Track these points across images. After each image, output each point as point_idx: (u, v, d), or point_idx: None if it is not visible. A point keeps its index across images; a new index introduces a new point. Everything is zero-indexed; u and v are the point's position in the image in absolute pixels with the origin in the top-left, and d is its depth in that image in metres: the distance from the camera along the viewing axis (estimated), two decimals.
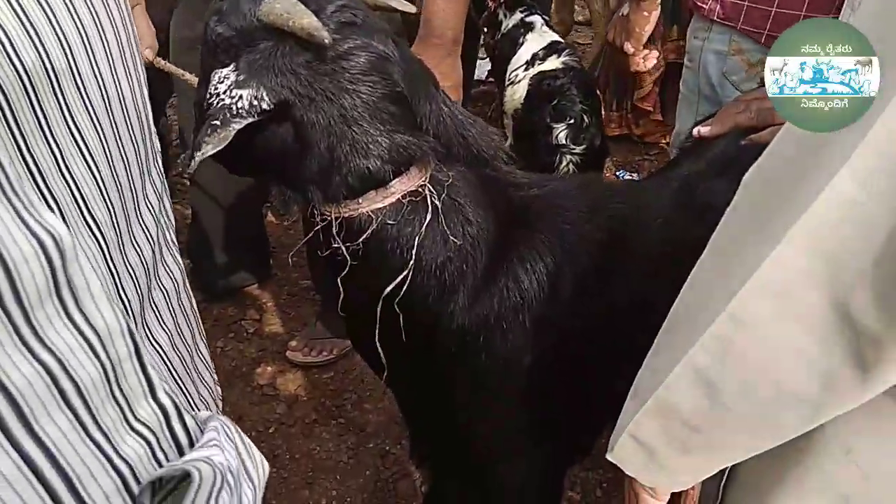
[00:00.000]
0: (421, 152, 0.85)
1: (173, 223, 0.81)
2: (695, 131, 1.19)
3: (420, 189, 0.88)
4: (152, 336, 0.70)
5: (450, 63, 1.27)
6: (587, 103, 2.03)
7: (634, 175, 2.84)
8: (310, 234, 0.90)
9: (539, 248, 0.93)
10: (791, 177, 0.46)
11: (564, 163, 1.98)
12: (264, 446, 1.81)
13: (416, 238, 0.87)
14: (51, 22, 0.50)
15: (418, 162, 0.86)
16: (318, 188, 0.86)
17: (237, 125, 0.78)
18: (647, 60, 1.67)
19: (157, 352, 0.71)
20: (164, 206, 0.77)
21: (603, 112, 2.65)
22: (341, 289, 0.91)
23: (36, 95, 0.49)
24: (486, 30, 2.40)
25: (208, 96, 0.80)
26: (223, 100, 0.79)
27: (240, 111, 0.78)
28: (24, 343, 0.33)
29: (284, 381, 2.03)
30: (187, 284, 0.80)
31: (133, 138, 0.64)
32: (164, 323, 0.73)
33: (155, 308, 0.71)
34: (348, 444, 1.83)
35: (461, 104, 2.70)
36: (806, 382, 0.47)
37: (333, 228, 0.88)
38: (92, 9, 0.57)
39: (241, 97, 0.79)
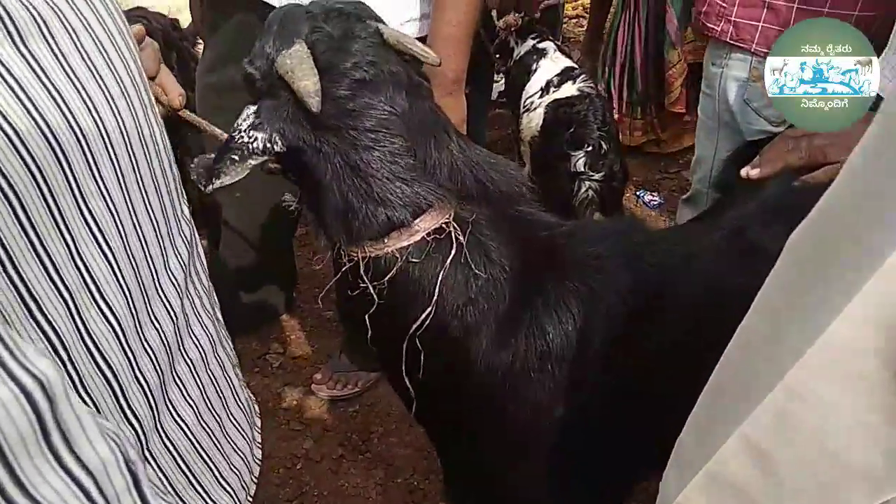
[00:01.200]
0: (437, 198, 0.84)
1: (207, 286, 0.81)
2: (742, 172, 1.14)
3: (444, 226, 0.87)
4: (176, 413, 0.70)
5: (451, 101, 1.29)
6: (605, 130, 2.02)
7: (654, 195, 2.82)
8: (339, 273, 0.89)
9: (567, 297, 0.91)
10: (848, 238, 0.43)
11: (584, 189, 1.97)
12: (292, 483, 1.79)
13: (440, 274, 0.87)
14: (59, 106, 0.50)
15: (438, 205, 0.86)
16: (342, 230, 0.86)
17: (253, 162, 0.85)
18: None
19: (182, 429, 0.71)
20: (193, 270, 0.76)
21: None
22: (369, 326, 0.89)
23: (48, 187, 0.49)
24: (497, 56, 2.41)
25: (234, 128, 0.85)
26: (243, 137, 0.84)
27: (255, 150, 0.84)
28: (9, 501, 0.32)
29: (311, 416, 2.02)
30: (217, 349, 0.79)
31: (150, 208, 0.64)
32: (190, 396, 0.73)
33: (179, 382, 0.70)
34: (376, 479, 1.81)
35: (479, 128, 2.74)
36: (869, 458, 0.44)
37: (360, 268, 0.87)
38: (102, 81, 0.57)
39: (256, 139, 0.84)
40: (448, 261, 0.87)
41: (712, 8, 1.43)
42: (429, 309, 0.87)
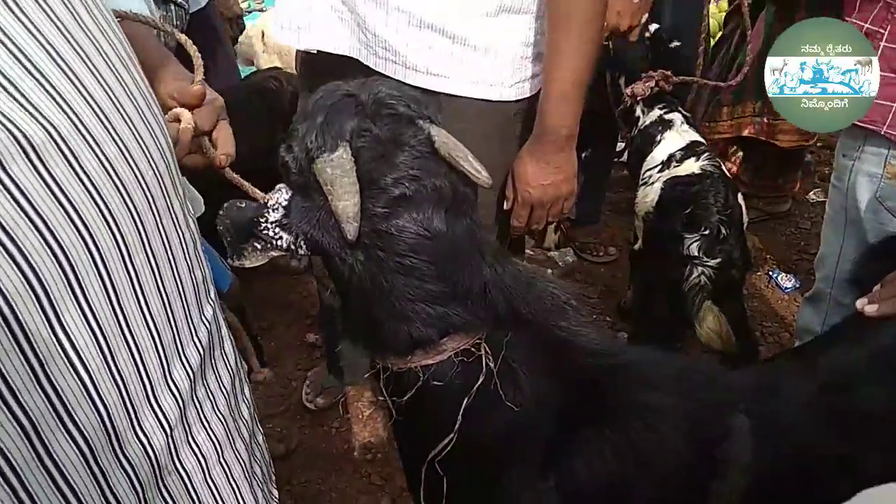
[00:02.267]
0: (466, 321, 0.79)
1: (229, 385, 0.79)
2: (858, 304, 0.98)
3: (474, 349, 0.82)
4: None
5: (564, 157, 1.29)
6: (726, 213, 1.85)
7: (790, 277, 2.56)
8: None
9: (602, 449, 0.82)
10: None
11: (695, 275, 1.82)
12: None
13: (466, 401, 0.81)
14: (68, 215, 0.51)
15: (466, 327, 0.81)
16: (366, 338, 0.84)
17: (275, 254, 0.83)
18: None
19: None
20: (211, 370, 0.75)
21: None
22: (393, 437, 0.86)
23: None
24: (619, 121, 2.31)
25: (263, 212, 0.82)
26: (268, 230, 0.82)
27: (278, 246, 0.82)
28: None
29: (392, 472, 2.01)
30: (226, 453, 0.77)
31: (152, 321, 0.63)
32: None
33: (167, 495, 0.68)
34: None
35: (599, 191, 2.65)
36: None
37: (381, 379, 0.85)
38: (119, 183, 0.57)
39: (282, 238, 0.82)
40: (475, 387, 0.82)
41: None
42: (451, 436, 0.82)
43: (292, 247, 0.81)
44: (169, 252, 0.65)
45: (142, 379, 0.62)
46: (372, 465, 2.04)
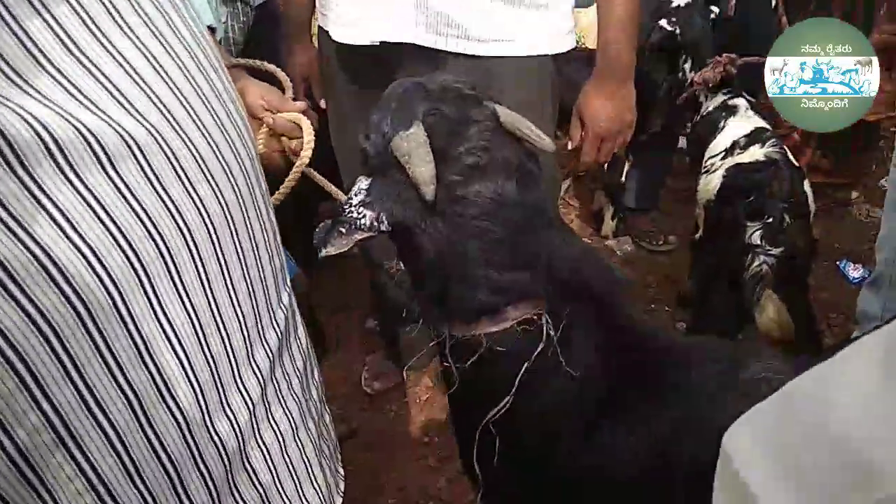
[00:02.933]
0: (531, 290, 0.83)
1: (302, 367, 0.84)
2: None
3: (536, 318, 0.86)
4: (241, 496, 0.72)
5: (628, 87, 1.40)
6: (790, 201, 1.82)
7: (859, 268, 2.49)
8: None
9: (650, 424, 0.84)
10: None
11: (756, 263, 1.79)
12: None
13: (524, 366, 0.85)
14: (141, 219, 0.56)
15: (531, 295, 0.84)
16: (435, 307, 0.88)
17: (359, 236, 0.87)
18: None
19: None
20: (287, 354, 0.79)
21: None
22: (448, 405, 0.90)
23: (121, 296, 0.56)
24: (684, 110, 2.29)
25: (346, 200, 0.88)
26: (352, 212, 0.87)
27: (362, 226, 0.86)
28: None
29: (448, 454, 2.05)
30: (300, 432, 0.81)
31: (238, 305, 0.67)
32: (259, 482, 0.74)
33: (249, 468, 0.73)
34: None
35: (658, 180, 2.63)
36: None
37: (446, 347, 0.89)
38: (212, 179, 0.62)
39: (365, 215, 0.86)
40: (535, 354, 0.85)
41: None
42: (507, 398, 0.86)
43: (375, 223, 0.85)
44: (253, 241, 0.71)
45: (230, 359, 0.68)
46: (428, 448, 2.09)
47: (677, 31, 2.25)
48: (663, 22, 2.26)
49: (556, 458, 0.87)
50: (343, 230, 0.87)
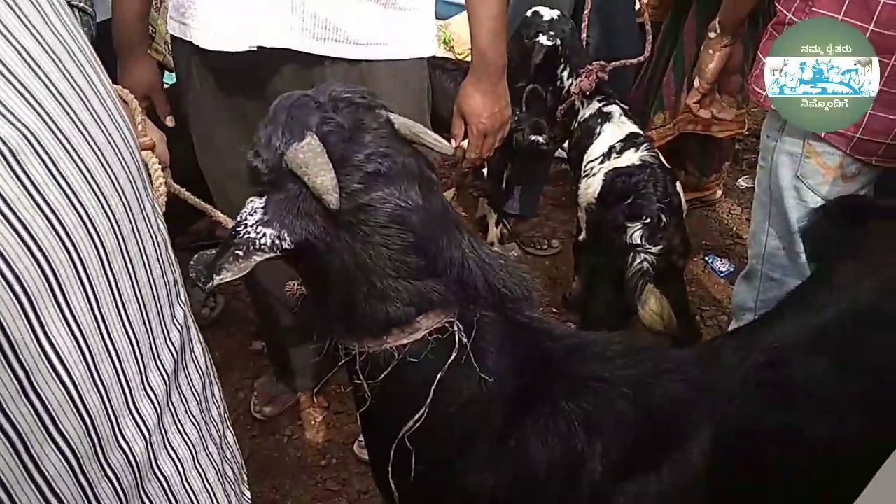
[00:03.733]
0: (442, 298, 0.82)
1: (200, 386, 0.79)
2: None
3: (447, 326, 0.85)
4: None
5: (503, 85, 1.49)
6: (665, 202, 1.94)
7: (725, 262, 2.69)
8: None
9: (559, 421, 0.86)
10: None
11: (638, 261, 1.89)
12: None
13: (438, 376, 0.84)
14: (49, 221, 0.50)
15: (442, 304, 0.83)
16: (342, 324, 0.85)
17: (258, 258, 0.82)
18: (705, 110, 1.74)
19: None
20: (183, 374, 0.75)
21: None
22: (359, 423, 0.88)
23: None
24: (560, 117, 2.38)
25: (238, 222, 0.83)
26: (249, 233, 0.82)
27: (262, 246, 0.82)
28: None
29: (348, 476, 2.00)
30: (200, 456, 0.77)
31: (129, 326, 0.62)
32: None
33: (148, 502, 0.68)
34: None
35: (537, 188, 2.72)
36: None
37: (357, 364, 0.86)
38: (96, 188, 0.57)
39: (265, 234, 0.82)
40: (447, 363, 0.84)
41: (762, 72, 1.37)
42: (422, 410, 0.84)
43: (277, 241, 0.81)
44: (144, 255, 0.66)
45: (122, 385, 0.62)
46: (327, 471, 2.03)
47: (558, 43, 2.33)
48: (542, 39, 2.33)
49: (471, 466, 0.87)
50: (240, 253, 0.81)
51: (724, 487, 0.88)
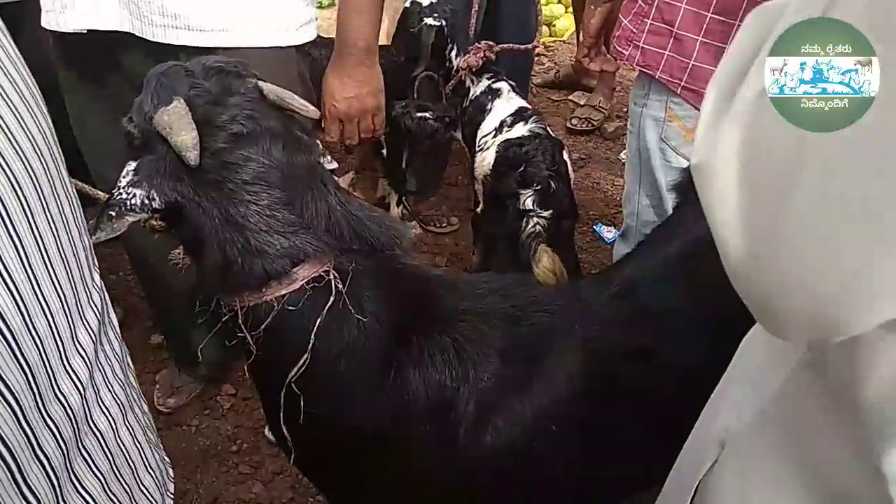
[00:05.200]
0: (315, 249, 0.87)
1: (120, 352, 0.82)
2: None
3: (324, 275, 0.90)
4: (82, 487, 0.71)
5: (365, 71, 1.44)
6: (553, 169, 2.06)
7: (611, 230, 2.84)
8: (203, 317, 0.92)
9: (433, 352, 0.93)
10: None
11: (531, 225, 2.00)
12: None
13: (318, 321, 0.89)
14: None
15: (316, 255, 0.88)
16: (221, 282, 0.89)
17: (130, 219, 0.86)
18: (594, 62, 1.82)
19: (88, 503, 0.72)
20: (105, 339, 0.78)
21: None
22: (248, 374, 0.91)
23: None
24: (448, 95, 2.45)
25: (116, 186, 0.87)
26: (121, 194, 0.86)
27: (133, 207, 0.86)
28: None
29: (261, 459, 2.02)
30: (128, 416, 0.81)
31: (57, 282, 0.66)
32: (98, 469, 0.74)
33: (86, 455, 0.72)
34: None
35: (439, 163, 2.79)
36: None
37: (239, 318, 0.89)
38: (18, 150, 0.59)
39: (135, 195, 0.86)
40: (325, 308, 0.89)
41: (623, 32, 1.48)
42: (305, 355, 0.89)
43: (146, 201, 0.85)
44: (63, 217, 0.69)
45: (55, 339, 0.65)
46: (238, 456, 2.04)
47: (444, 23, 2.40)
48: (429, 20, 2.40)
49: (357, 404, 0.92)
50: (112, 213, 0.85)
51: (588, 409, 0.97)
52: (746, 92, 0.40)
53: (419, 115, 2.44)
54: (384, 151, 2.83)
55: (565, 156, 2.19)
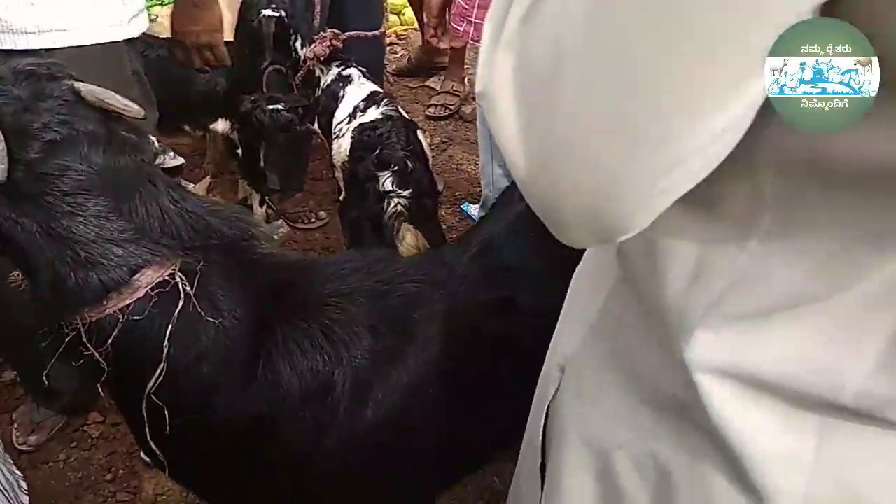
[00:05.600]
0: (154, 253, 0.84)
1: None
2: None
3: (169, 279, 0.86)
4: None
5: (195, 12, 1.54)
6: (409, 149, 2.08)
7: (477, 207, 2.93)
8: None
9: (300, 338, 0.92)
10: None
11: (393, 205, 2.02)
12: None
13: (169, 328, 0.86)
14: None
15: (157, 259, 0.85)
16: (55, 301, 0.83)
17: None
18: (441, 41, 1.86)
19: None
20: None
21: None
22: (100, 392, 0.87)
23: None
24: (299, 86, 2.41)
25: None
26: None
27: None
28: None
29: (139, 483, 1.92)
30: None
31: None
32: None
33: None
34: None
35: (302, 158, 2.75)
36: None
37: (83, 336, 0.84)
38: None
39: None
40: (175, 313, 0.86)
41: (457, 9, 1.53)
42: (161, 365, 0.86)
43: None
44: None
45: None
46: (115, 484, 1.93)
47: (283, 14, 2.34)
48: (267, 11, 2.33)
49: (225, 407, 0.90)
50: None
51: (460, 368, 1.01)
52: (511, 20, 0.42)
53: (271, 107, 2.38)
54: (239, 151, 2.74)
55: (420, 136, 2.22)
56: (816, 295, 0.45)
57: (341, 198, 2.32)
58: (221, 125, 2.61)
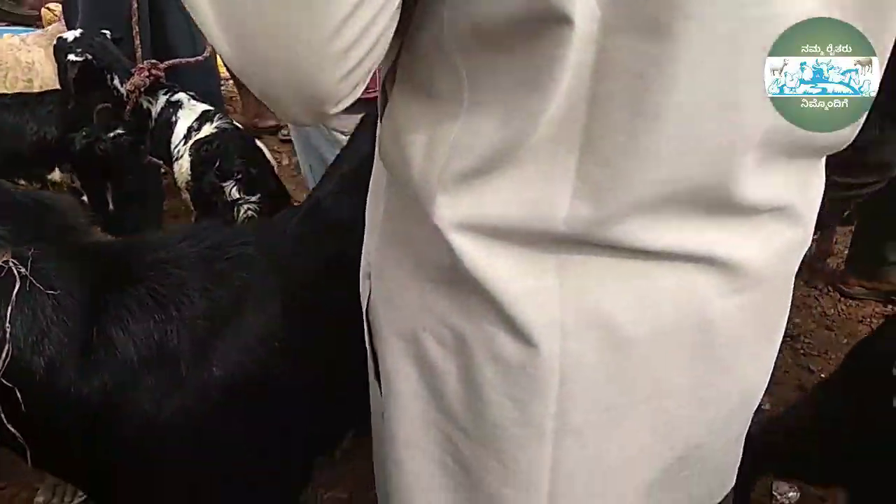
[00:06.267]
0: None
1: None
2: None
3: (3, 265, 0.93)
4: None
5: None
6: (247, 156, 2.17)
7: None
8: None
9: (130, 305, 0.99)
10: None
11: (242, 212, 2.11)
12: None
13: (9, 310, 0.92)
14: None
15: None
16: None
17: None
18: None
19: None
20: None
21: None
22: None
23: None
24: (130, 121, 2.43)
25: None
26: None
27: None
28: None
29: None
30: None
31: None
32: None
33: None
34: None
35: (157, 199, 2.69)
36: None
37: None
38: None
39: None
40: (14, 294, 0.92)
41: None
42: (6, 347, 0.92)
43: None
44: None
45: None
46: None
47: (89, 57, 2.35)
48: (72, 56, 2.33)
49: (68, 384, 0.96)
50: None
51: (299, 322, 1.10)
52: None
53: (110, 134, 2.38)
54: (84, 199, 2.70)
55: (259, 144, 2.32)
56: (513, 145, 0.55)
57: (193, 218, 2.37)
58: (59, 174, 2.58)
